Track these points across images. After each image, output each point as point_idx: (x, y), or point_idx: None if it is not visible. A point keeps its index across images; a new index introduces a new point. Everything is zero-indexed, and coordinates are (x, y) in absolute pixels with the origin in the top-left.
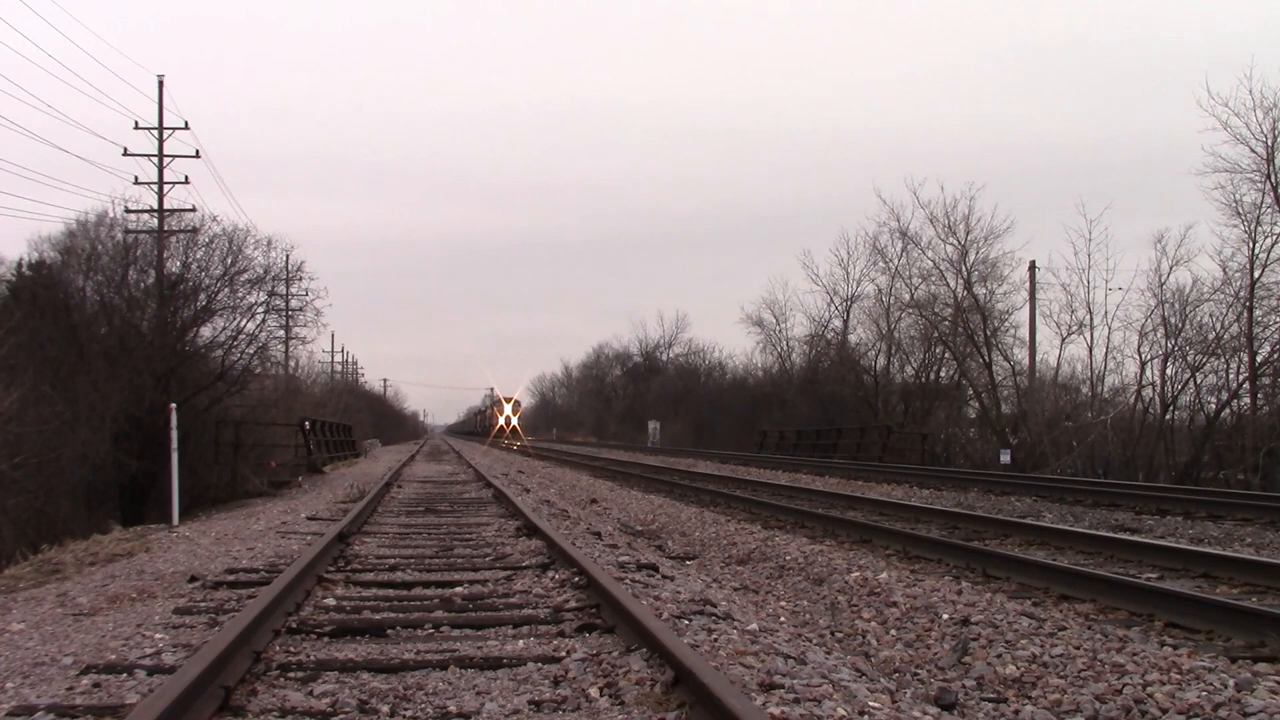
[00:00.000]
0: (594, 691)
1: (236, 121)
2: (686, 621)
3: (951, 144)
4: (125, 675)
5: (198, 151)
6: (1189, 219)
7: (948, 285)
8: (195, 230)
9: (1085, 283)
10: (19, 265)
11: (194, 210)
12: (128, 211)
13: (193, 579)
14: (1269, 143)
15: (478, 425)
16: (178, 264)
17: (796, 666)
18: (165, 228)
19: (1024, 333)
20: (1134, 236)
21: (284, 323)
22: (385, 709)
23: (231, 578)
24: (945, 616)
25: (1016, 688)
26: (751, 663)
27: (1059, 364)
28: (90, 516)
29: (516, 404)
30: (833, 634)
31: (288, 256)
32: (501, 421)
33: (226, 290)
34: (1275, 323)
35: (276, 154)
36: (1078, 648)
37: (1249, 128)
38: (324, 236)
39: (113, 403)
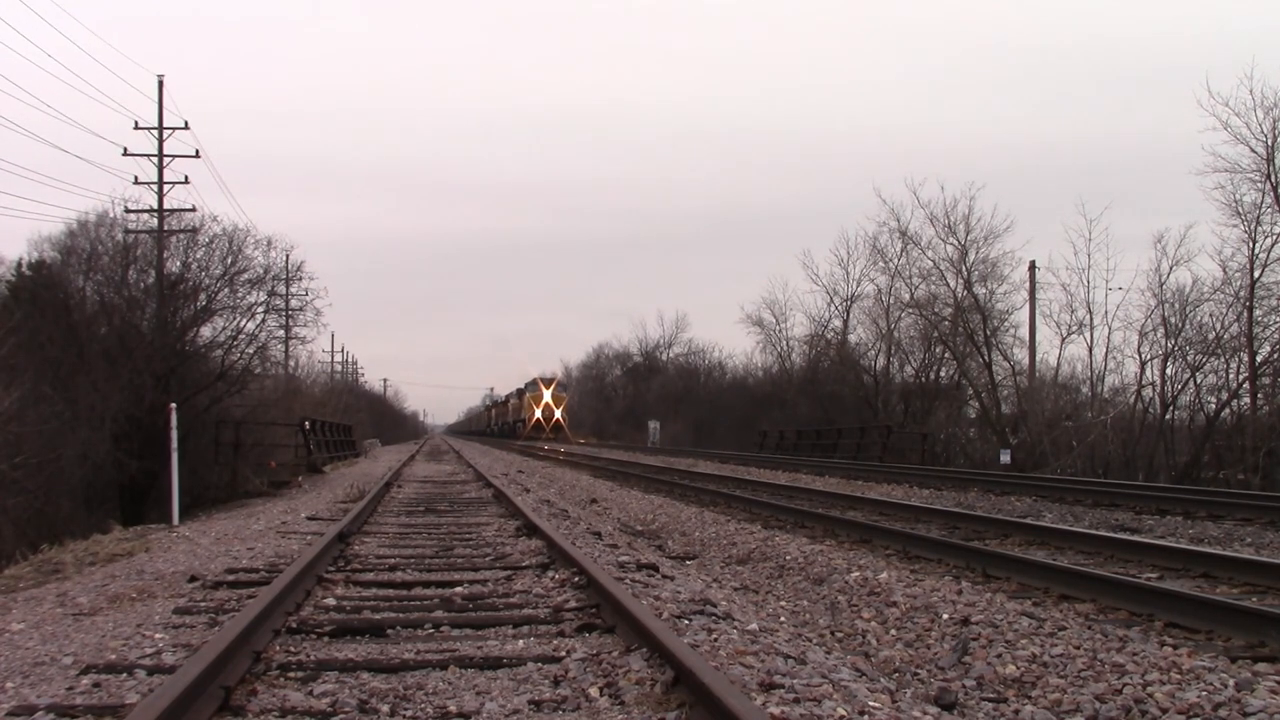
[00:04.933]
0: (594, 691)
1: (237, 122)
2: (686, 621)
3: (951, 144)
4: (125, 675)
5: (197, 151)
6: (1189, 219)
7: (948, 285)
8: (195, 230)
9: (1085, 283)
10: (19, 265)
11: (194, 210)
12: (128, 211)
13: (193, 579)
14: (1269, 143)
15: (493, 421)
16: (178, 264)
17: (796, 666)
18: (165, 228)
19: (1024, 333)
20: (1134, 236)
21: (284, 323)
22: (385, 709)
23: (231, 577)
24: (945, 616)
25: (1016, 687)
26: (751, 662)
27: (1059, 364)
28: (90, 516)
29: (560, 389)
30: (833, 634)
31: (288, 256)
32: (539, 414)
33: (226, 290)
34: (1275, 323)
35: (277, 154)
36: (1078, 647)
37: (1249, 128)
38: (324, 236)
39: (113, 403)
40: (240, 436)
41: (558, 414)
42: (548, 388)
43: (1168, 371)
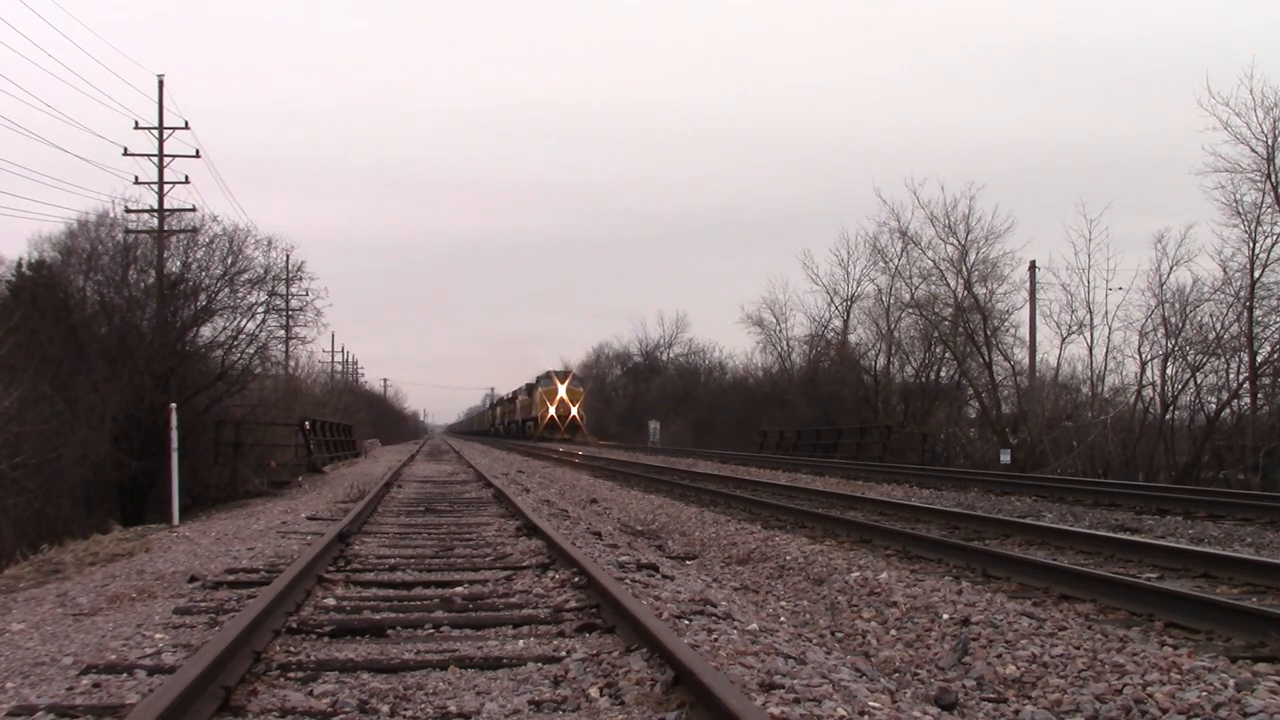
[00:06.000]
0: (594, 691)
1: (237, 122)
2: (686, 621)
3: (951, 144)
4: (125, 675)
5: (198, 151)
6: (1189, 219)
7: (948, 285)
8: (195, 230)
9: (1085, 283)
10: (19, 265)
11: (194, 210)
12: (128, 211)
13: (193, 579)
14: (1269, 142)
15: (498, 420)
16: (178, 264)
17: (796, 666)
18: (165, 228)
19: (1024, 333)
20: (1134, 236)
21: (284, 323)
22: (385, 709)
23: (231, 578)
24: (945, 616)
25: (1016, 688)
26: (751, 663)
27: (1059, 364)
28: (90, 516)
29: (575, 383)
30: (833, 634)
31: (288, 256)
32: (553, 411)
33: (227, 290)
34: (1275, 323)
35: (277, 154)
36: (1078, 648)
37: (1249, 127)
38: (324, 236)
39: (113, 403)
40: (240, 436)
41: (574, 411)
42: (562, 382)
43: (1168, 371)
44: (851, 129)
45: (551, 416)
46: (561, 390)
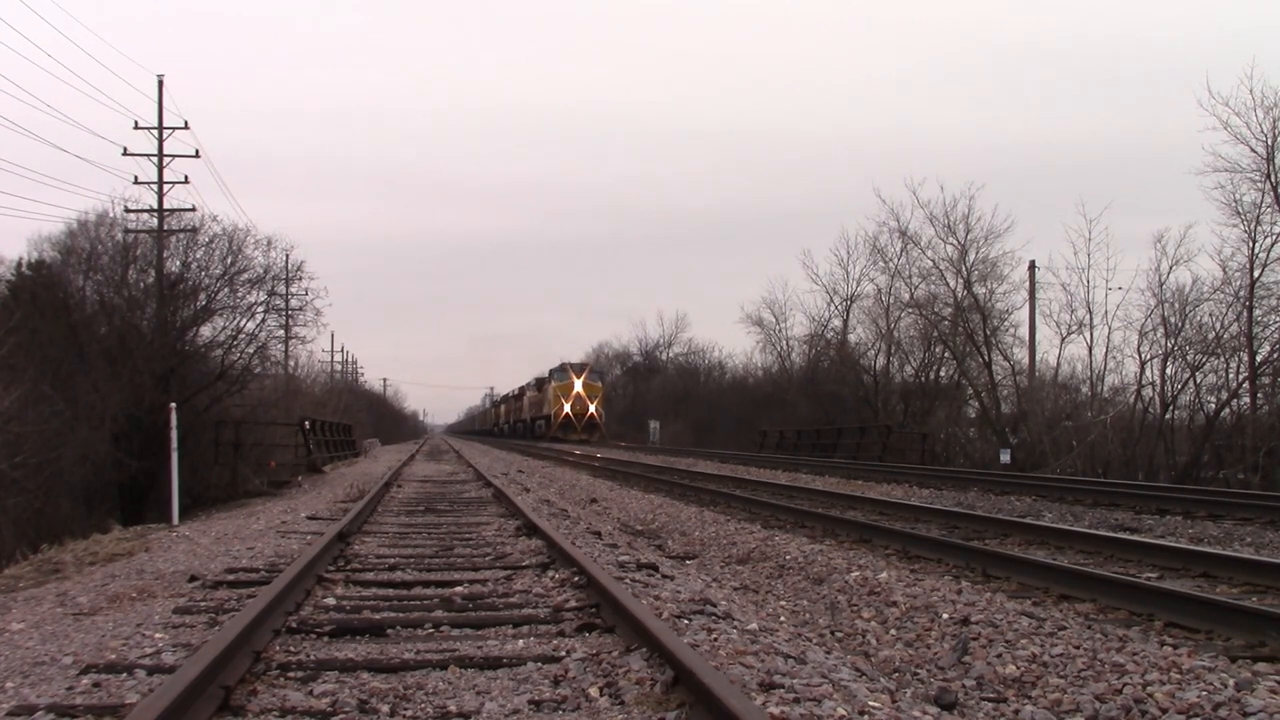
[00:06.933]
0: (594, 691)
1: (237, 122)
2: (686, 621)
3: (951, 144)
4: (125, 675)
5: (197, 151)
6: (1189, 219)
7: (947, 285)
8: (195, 230)
9: (1085, 282)
10: (19, 265)
11: (194, 210)
12: (128, 211)
13: (193, 578)
14: (1269, 142)
15: (502, 419)
16: (177, 264)
17: (796, 666)
18: (165, 227)
19: (1024, 332)
20: (1134, 236)
21: (284, 322)
22: (385, 709)
23: (231, 577)
24: (945, 616)
25: (1016, 687)
26: (751, 662)
27: (1059, 364)
28: (90, 516)
29: (593, 377)
30: (833, 633)
31: (288, 256)
32: (569, 408)
33: (226, 290)
34: (1275, 322)
35: (277, 154)
36: (1078, 647)
37: (1249, 127)
38: (324, 236)
39: (113, 403)
40: (240, 436)
41: (592, 408)
42: (579, 376)
43: (1167, 371)
44: (851, 129)
45: (567, 414)
46: (578, 385)
